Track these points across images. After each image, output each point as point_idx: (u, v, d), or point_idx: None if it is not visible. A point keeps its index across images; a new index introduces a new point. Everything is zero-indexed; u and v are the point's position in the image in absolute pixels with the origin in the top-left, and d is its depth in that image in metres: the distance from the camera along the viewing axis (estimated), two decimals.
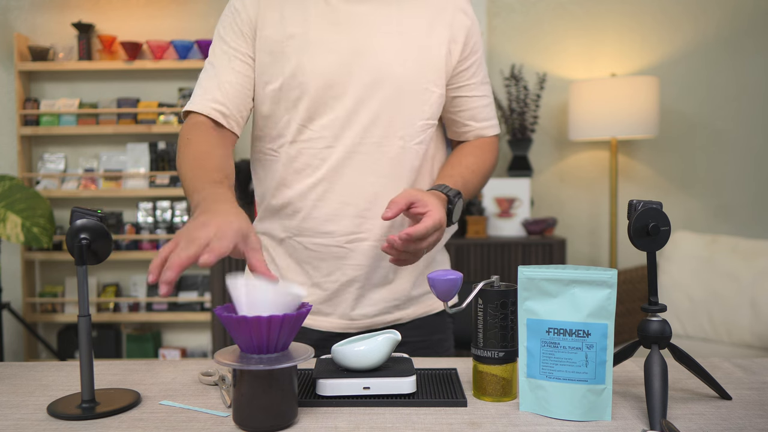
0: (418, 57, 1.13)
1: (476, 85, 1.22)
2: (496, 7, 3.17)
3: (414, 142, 1.14)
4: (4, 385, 0.98)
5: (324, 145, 1.12)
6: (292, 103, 1.12)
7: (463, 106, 1.23)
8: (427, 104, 1.15)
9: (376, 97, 1.11)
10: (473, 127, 1.25)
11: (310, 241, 1.15)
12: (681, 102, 3.15)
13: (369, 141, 1.12)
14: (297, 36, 1.11)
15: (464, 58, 1.19)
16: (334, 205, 1.13)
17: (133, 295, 3.21)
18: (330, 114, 1.11)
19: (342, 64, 1.10)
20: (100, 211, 0.88)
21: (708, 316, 2.57)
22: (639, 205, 0.85)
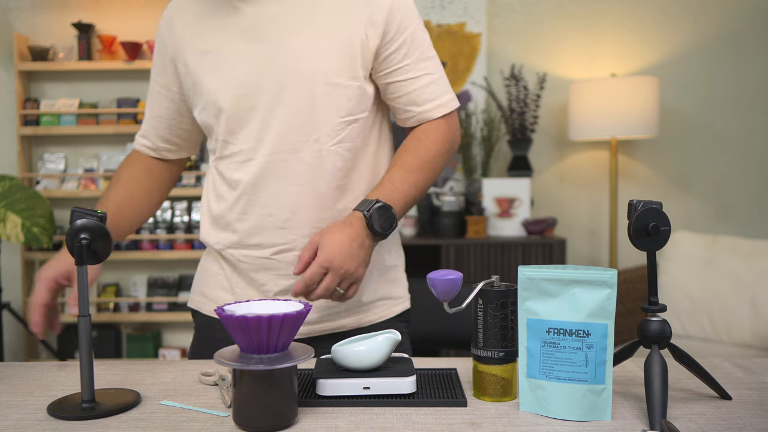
0: (326, 52, 1.07)
1: (411, 65, 1.11)
2: (496, 7, 3.17)
3: (331, 143, 1.09)
4: (4, 385, 0.98)
5: (243, 158, 1.11)
6: (214, 120, 1.12)
7: (399, 92, 1.13)
8: (342, 100, 1.08)
9: (286, 102, 1.07)
10: (414, 112, 1.14)
11: (240, 253, 1.14)
12: (681, 102, 3.15)
13: (284, 148, 1.08)
14: (210, 52, 1.10)
15: (389, 41, 1.09)
16: (257, 218, 1.11)
17: (133, 295, 3.21)
18: (246, 126, 1.10)
19: (250, 74, 1.08)
20: (100, 211, 0.88)
21: (708, 316, 2.57)
22: (639, 205, 0.85)
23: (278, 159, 1.09)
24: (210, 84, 1.10)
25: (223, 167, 1.14)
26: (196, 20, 1.13)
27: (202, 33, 1.12)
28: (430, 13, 3.15)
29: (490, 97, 3.12)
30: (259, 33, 1.08)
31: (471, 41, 3.15)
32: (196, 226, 3.15)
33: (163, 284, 3.19)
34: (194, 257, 3.13)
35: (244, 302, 0.86)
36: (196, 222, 3.15)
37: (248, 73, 1.08)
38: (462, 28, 3.14)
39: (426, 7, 3.15)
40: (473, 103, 3.15)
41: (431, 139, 1.14)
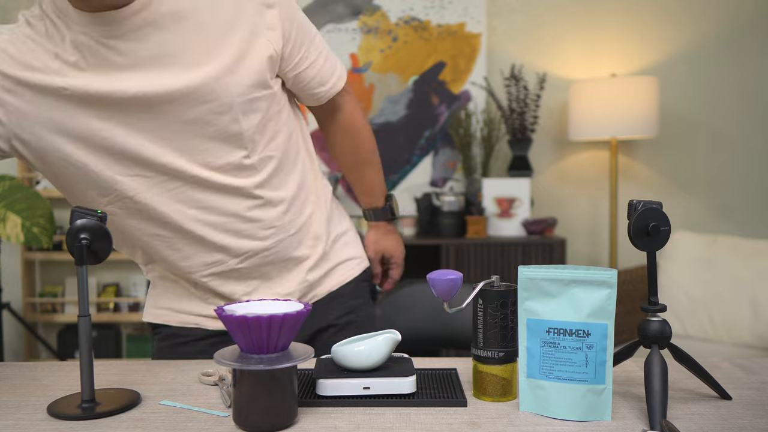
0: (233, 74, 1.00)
1: (307, 52, 1.12)
2: (496, 7, 3.17)
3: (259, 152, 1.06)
4: (4, 385, 0.98)
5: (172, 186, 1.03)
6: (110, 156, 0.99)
7: (305, 79, 1.14)
8: (259, 111, 1.05)
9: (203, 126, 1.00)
10: (322, 91, 1.18)
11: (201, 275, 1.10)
12: (681, 102, 3.15)
13: (217, 168, 1.03)
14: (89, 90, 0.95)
15: (287, 39, 1.07)
16: (213, 237, 1.06)
17: (133, 295, 3.21)
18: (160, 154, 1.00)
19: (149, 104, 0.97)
20: (100, 211, 0.88)
21: (708, 316, 2.57)
22: (639, 205, 0.85)
23: (214, 179, 1.03)
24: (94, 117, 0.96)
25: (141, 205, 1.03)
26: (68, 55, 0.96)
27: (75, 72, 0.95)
28: (430, 13, 3.15)
29: (490, 97, 3.12)
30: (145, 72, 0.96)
31: (471, 41, 3.15)
32: None
33: None
34: None
35: (244, 302, 0.86)
36: None
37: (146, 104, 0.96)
38: (462, 28, 3.14)
39: (426, 7, 3.15)
40: (473, 103, 3.15)
41: (362, 126, 1.29)
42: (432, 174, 3.19)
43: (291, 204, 1.13)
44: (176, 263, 1.09)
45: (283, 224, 1.11)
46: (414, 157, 3.19)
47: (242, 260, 1.10)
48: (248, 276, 1.12)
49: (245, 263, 1.10)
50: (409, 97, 3.18)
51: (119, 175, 1.00)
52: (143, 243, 1.09)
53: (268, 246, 1.10)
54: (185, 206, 1.04)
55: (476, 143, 3.11)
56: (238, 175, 1.05)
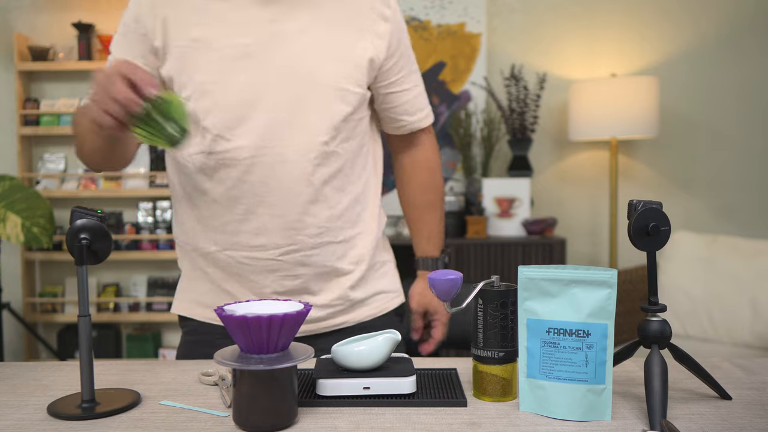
0: (337, 57, 1.09)
1: (404, 77, 1.19)
2: (496, 7, 3.17)
3: (341, 145, 1.11)
4: (4, 385, 0.98)
5: (246, 155, 1.06)
6: (204, 112, 1.06)
7: (394, 102, 1.20)
8: (350, 105, 1.10)
9: (294, 102, 1.06)
10: (407, 121, 1.23)
11: (242, 255, 1.11)
12: (681, 102, 3.15)
13: (291, 149, 1.07)
14: (203, 40, 1.05)
15: (390, 54, 1.15)
16: (263, 218, 1.08)
17: (133, 295, 3.22)
18: (247, 123, 1.06)
19: (251, 71, 1.05)
20: (100, 211, 0.88)
21: (708, 316, 2.57)
22: (639, 205, 0.85)
23: (284, 159, 1.07)
24: (205, 75, 1.05)
25: (214, 163, 1.08)
26: (179, 4, 1.07)
27: (189, 19, 1.06)
28: (430, 13, 3.15)
29: (490, 97, 3.12)
30: (260, 29, 1.06)
31: (471, 41, 3.15)
32: None
33: (163, 284, 3.19)
34: None
35: (244, 302, 0.86)
36: None
37: (249, 70, 1.05)
38: (462, 28, 3.14)
39: (426, 7, 3.15)
40: (473, 103, 3.15)
41: (438, 165, 1.30)
42: None
43: (344, 212, 1.14)
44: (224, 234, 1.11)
45: (332, 228, 1.12)
46: None
47: (283, 253, 1.10)
48: (285, 273, 1.12)
49: (286, 257, 1.11)
50: None
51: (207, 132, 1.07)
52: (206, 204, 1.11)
53: (312, 244, 1.11)
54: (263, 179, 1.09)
55: (476, 143, 3.11)
56: (313, 160, 1.08)
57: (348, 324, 1.19)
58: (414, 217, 1.30)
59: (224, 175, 1.08)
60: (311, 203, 1.09)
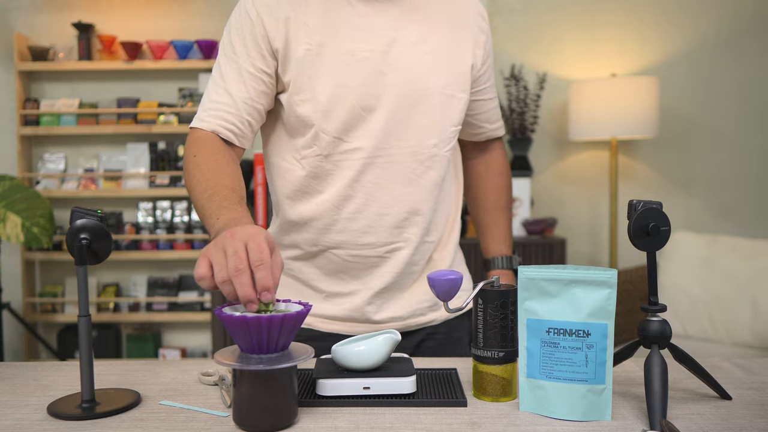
0: (446, 64, 1.13)
1: (489, 87, 1.26)
2: (496, 7, 3.17)
3: (446, 149, 1.15)
4: (4, 385, 0.98)
5: (363, 156, 1.09)
6: (320, 114, 1.08)
7: (479, 109, 1.26)
8: (456, 110, 1.15)
9: (409, 106, 1.10)
10: (486, 129, 1.30)
11: (347, 253, 1.13)
12: (681, 102, 3.15)
13: (404, 151, 1.11)
14: (325, 45, 1.07)
15: (483, 62, 1.21)
16: (372, 217, 1.11)
17: (133, 295, 3.22)
18: (363, 126, 1.09)
19: (373, 75, 1.08)
20: (100, 211, 0.88)
21: (708, 316, 2.57)
22: (639, 205, 0.85)
23: (397, 161, 1.11)
24: (328, 79, 1.07)
25: (330, 165, 1.10)
26: (303, 8, 1.09)
27: (312, 23, 1.08)
28: None
29: None
30: (378, 35, 1.09)
31: None
32: (196, 226, 3.15)
33: (163, 284, 3.19)
34: (194, 257, 3.13)
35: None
36: (195, 222, 3.15)
37: (370, 75, 1.08)
38: None
39: None
40: None
41: (508, 171, 1.36)
42: None
43: (441, 212, 1.20)
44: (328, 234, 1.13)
45: (431, 229, 1.17)
46: None
47: (388, 251, 1.14)
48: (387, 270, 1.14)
49: (390, 255, 1.14)
50: None
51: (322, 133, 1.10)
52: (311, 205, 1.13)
53: (415, 243, 1.14)
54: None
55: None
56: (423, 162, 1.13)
57: (431, 324, 1.22)
58: (487, 220, 1.34)
59: (339, 175, 1.11)
60: (418, 203, 1.13)
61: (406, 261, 1.15)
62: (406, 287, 1.18)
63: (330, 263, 1.16)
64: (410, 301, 1.19)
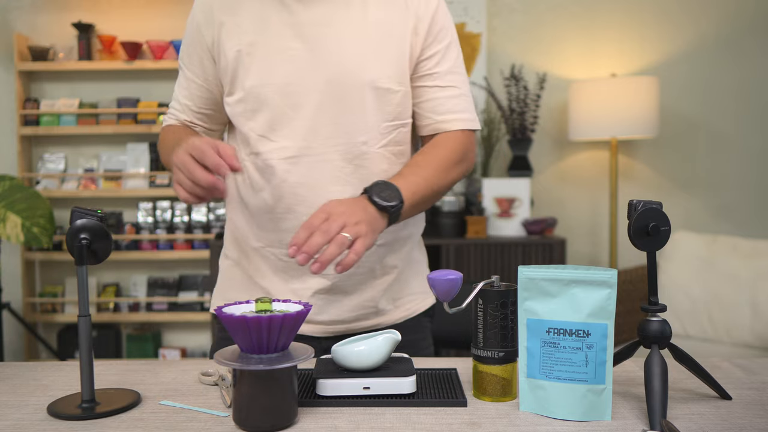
0: (376, 58, 1.09)
1: (441, 75, 1.14)
2: (496, 7, 3.17)
3: (378, 146, 1.10)
4: (4, 385, 0.98)
5: (288, 155, 1.09)
6: (250, 114, 1.10)
7: (423, 97, 1.15)
8: (391, 104, 1.11)
9: (335, 103, 1.08)
10: (433, 119, 1.16)
11: (282, 252, 1.13)
12: (681, 102, 3.15)
13: (331, 149, 1.08)
14: (256, 45, 1.09)
15: (427, 46, 1.13)
16: (301, 217, 1.08)
17: (133, 295, 3.21)
18: (290, 124, 1.08)
19: (298, 73, 1.07)
20: (100, 211, 0.88)
21: (708, 316, 2.57)
22: (639, 205, 0.85)
23: (324, 159, 1.09)
24: (254, 79, 1.09)
25: (262, 162, 1.11)
26: (237, 11, 1.11)
27: (244, 25, 1.10)
28: None
29: (490, 97, 3.11)
30: (308, 32, 1.08)
31: (471, 41, 3.15)
32: (196, 226, 3.15)
33: (163, 284, 3.19)
34: (194, 257, 3.13)
35: (243, 302, 0.86)
36: (196, 222, 3.15)
37: (296, 72, 1.07)
38: (462, 28, 3.14)
39: None
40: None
41: (446, 147, 1.14)
42: None
43: None
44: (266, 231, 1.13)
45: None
46: None
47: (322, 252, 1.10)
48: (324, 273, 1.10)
49: None
50: None
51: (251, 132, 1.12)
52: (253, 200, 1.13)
53: None
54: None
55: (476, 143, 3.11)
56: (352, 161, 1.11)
57: (378, 327, 1.18)
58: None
59: (269, 174, 1.10)
60: None
61: None
62: (350, 291, 1.14)
63: (268, 261, 1.15)
64: (355, 304, 1.15)
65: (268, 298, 0.82)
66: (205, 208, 3.17)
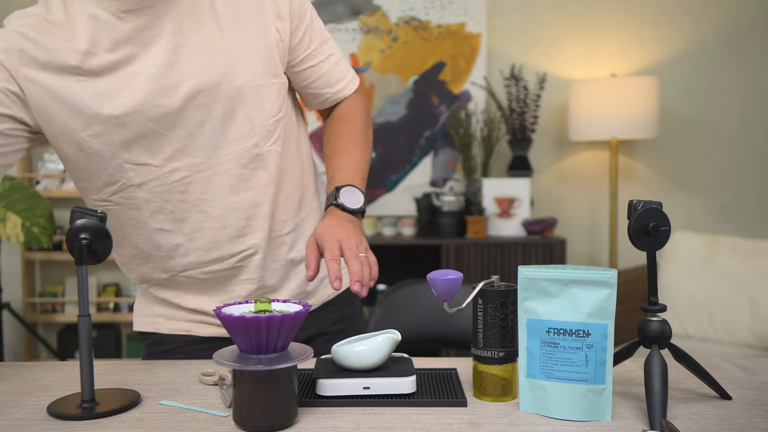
0: (245, 54, 1.03)
1: (317, 50, 1.12)
2: (496, 7, 3.17)
3: (269, 144, 1.08)
4: (4, 385, 0.98)
5: (179, 176, 1.03)
6: (116, 147, 0.99)
7: (311, 77, 1.14)
8: (270, 100, 1.07)
9: (215, 113, 1.02)
10: (329, 93, 1.17)
11: (199, 272, 1.09)
12: (681, 102, 3.15)
13: (225, 158, 1.04)
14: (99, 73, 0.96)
15: (294, 30, 1.09)
16: (212, 232, 1.06)
17: (133, 295, 3.21)
18: (171, 145, 1.01)
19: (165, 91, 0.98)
20: (100, 211, 0.88)
21: (708, 316, 2.57)
22: (639, 205, 0.85)
23: (220, 171, 1.04)
24: (115, 108, 0.97)
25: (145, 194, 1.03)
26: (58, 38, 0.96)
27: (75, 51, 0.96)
28: (430, 13, 3.15)
29: (490, 97, 3.12)
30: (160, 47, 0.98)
31: (471, 41, 3.15)
32: None
33: None
34: None
35: (243, 303, 0.86)
36: None
37: (159, 93, 0.98)
38: (462, 28, 3.14)
39: (426, 7, 3.15)
40: (473, 103, 3.15)
41: (353, 116, 1.17)
42: (432, 174, 3.19)
43: (285, 204, 1.13)
44: (173, 260, 1.09)
45: (277, 223, 1.11)
46: (414, 157, 3.19)
47: (240, 260, 1.09)
48: (246, 277, 1.11)
49: (243, 262, 1.10)
50: (409, 97, 3.18)
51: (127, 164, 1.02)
52: (146, 237, 1.07)
53: (264, 245, 1.10)
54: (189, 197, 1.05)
55: (476, 143, 3.11)
56: (247, 165, 1.07)
57: (314, 307, 1.19)
58: (329, 152, 1.16)
59: (163, 200, 1.04)
60: (254, 207, 1.08)
61: (260, 265, 1.10)
62: (277, 285, 1.14)
63: (185, 284, 1.12)
64: (285, 296, 1.15)
65: (267, 298, 0.82)
66: None
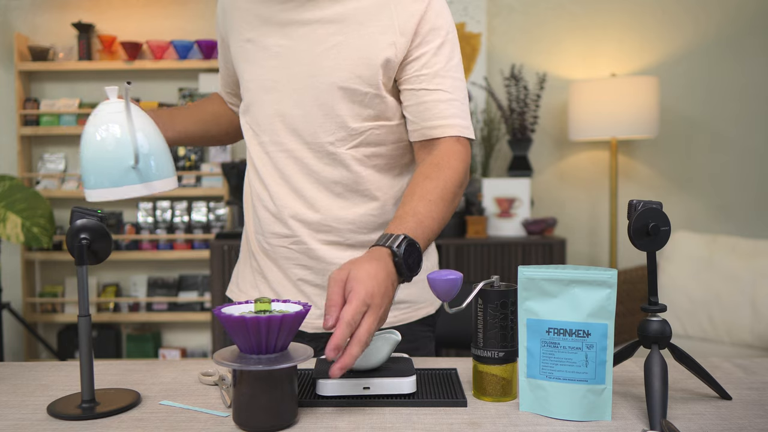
0: (352, 57, 1.07)
1: (427, 77, 1.07)
2: (496, 7, 3.17)
3: (346, 147, 1.09)
4: (4, 385, 0.98)
5: (271, 149, 1.14)
6: (245, 106, 1.18)
7: (409, 100, 1.09)
8: (360, 105, 1.08)
9: (307, 102, 1.09)
10: (419, 125, 1.09)
11: (264, 240, 1.17)
12: (681, 102, 3.15)
13: (301, 146, 1.11)
14: (251, 42, 1.14)
15: (413, 48, 1.07)
16: (272, 207, 1.14)
17: (133, 295, 3.22)
18: (268, 119, 1.13)
19: (277, 70, 1.11)
20: (100, 211, 0.88)
21: (708, 316, 2.57)
22: (639, 205, 0.85)
23: (297, 156, 1.12)
24: (246, 74, 1.16)
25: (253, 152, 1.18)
26: (244, 6, 1.16)
27: (247, 21, 1.15)
28: None
29: (490, 97, 3.12)
30: (296, 32, 1.10)
31: (471, 41, 3.15)
32: (196, 226, 3.15)
33: (163, 284, 3.19)
34: (194, 257, 3.13)
35: (243, 303, 0.86)
36: (196, 222, 3.15)
37: (275, 69, 1.12)
38: (462, 28, 3.14)
39: None
40: (473, 103, 3.15)
41: (451, 167, 1.05)
42: None
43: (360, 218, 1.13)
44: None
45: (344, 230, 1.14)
46: None
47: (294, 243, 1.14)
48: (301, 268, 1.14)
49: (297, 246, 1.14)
50: None
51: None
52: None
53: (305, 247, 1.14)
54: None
55: (476, 143, 3.11)
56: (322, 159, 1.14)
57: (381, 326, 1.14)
58: (408, 190, 1.04)
59: (255, 166, 1.17)
60: (315, 200, 1.12)
61: (312, 255, 1.13)
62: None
63: (266, 256, 1.18)
64: None
65: (267, 298, 0.82)
66: (205, 208, 3.17)
